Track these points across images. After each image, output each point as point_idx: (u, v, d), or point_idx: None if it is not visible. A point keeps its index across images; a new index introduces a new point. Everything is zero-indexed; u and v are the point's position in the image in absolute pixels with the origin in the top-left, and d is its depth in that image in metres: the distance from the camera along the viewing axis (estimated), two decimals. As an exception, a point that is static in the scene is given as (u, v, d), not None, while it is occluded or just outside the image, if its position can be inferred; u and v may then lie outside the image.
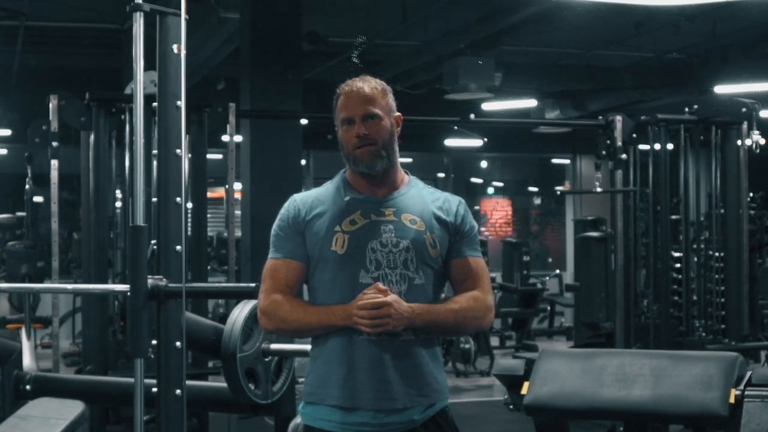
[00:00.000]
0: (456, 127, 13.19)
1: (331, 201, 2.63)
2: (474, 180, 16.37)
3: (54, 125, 5.93)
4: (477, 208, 16.03)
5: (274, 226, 2.67)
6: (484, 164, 16.49)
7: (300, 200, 2.66)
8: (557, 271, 14.06)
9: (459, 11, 9.48)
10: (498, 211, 16.35)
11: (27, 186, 8.52)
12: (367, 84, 2.62)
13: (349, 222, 2.58)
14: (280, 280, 2.60)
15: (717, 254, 7.16)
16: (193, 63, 9.81)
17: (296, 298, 2.60)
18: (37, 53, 11.71)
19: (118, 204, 6.23)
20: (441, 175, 15.62)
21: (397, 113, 2.67)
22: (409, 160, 13.47)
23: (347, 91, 2.62)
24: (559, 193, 16.94)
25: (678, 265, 7.26)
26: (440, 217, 2.63)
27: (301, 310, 2.56)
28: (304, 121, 9.15)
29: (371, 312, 2.46)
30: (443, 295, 2.67)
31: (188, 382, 2.64)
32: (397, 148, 2.66)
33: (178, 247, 2.57)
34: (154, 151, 2.70)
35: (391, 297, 2.48)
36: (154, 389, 2.57)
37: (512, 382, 3.96)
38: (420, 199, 2.65)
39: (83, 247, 6.25)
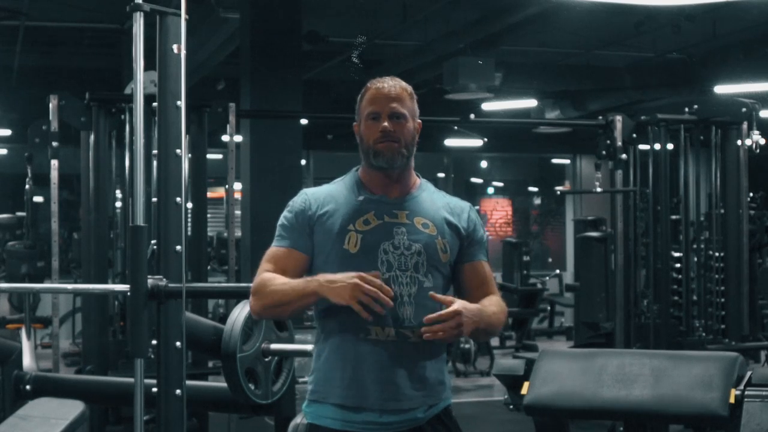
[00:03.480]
0: (456, 127, 13.19)
1: (344, 199, 2.62)
2: (474, 180, 16.38)
3: (54, 125, 5.92)
4: (477, 208, 16.04)
5: (282, 216, 2.66)
6: (484, 164, 16.50)
7: (311, 195, 2.65)
8: (557, 271, 14.06)
9: (459, 11, 9.48)
10: (498, 211, 16.36)
11: (27, 186, 8.52)
12: (398, 84, 2.64)
13: (362, 222, 2.58)
14: (277, 265, 2.57)
15: (717, 254, 7.15)
16: (193, 63, 9.81)
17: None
18: (37, 53, 11.71)
19: (118, 204, 6.22)
20: (441, 175, 15.62)
21: (419, 120, 2.68)
22: (409, 160, 13.43)
23: (378, 87, 2.62)
24: (559, 193, 16.95)
25: (678, 265, 7.26)
26: (451, 222, 2.64)
27: (288, 281, 2.52)
28: (304, 121, 9.16)
29: (444, 325, 2.45)
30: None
31: (188, 382, 2.64)
32: (414, 152, 2.67)
33: (178, 247, 2.57)
34: (154, 151, 2.70)
35: (459, 304, 2.48)
36: (154, 389, 2.57)
37: (512, 382, 3.96)
38: (432, 203, 2.66)
39: (83, 247, 6.25)
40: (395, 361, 2.52)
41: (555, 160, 16.65)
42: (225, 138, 6.42)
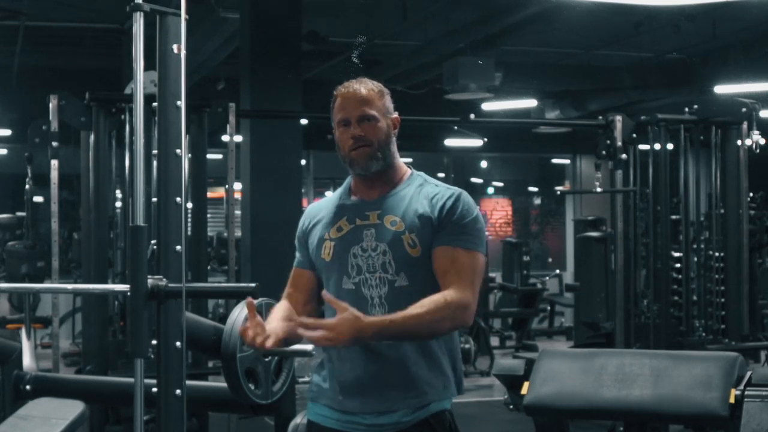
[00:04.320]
0: (456, 127, 13.20)
1: (328, 209, 2.68)
2: (474, 180, 16.38)
3: (54, 125, 5.92)
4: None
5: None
6: (484, 164, 16.50)
7: (309, 210, 2.78)
8: (557, 271, 14.07)
9: (459, 11, 9.48)
10: (498, 211, 16.36)
11: (27, 186, 8.52)
12: (364, 86, 2.61)
13: (336, 229, 2.62)
14: (292, 286, 2.72)
15: (717, 254, 7.15)
16: (193, 63, 9.81)
17: (288, 301, 2.68)
18: (37, 53, 11.72)
19: (118, 204, 6.23)
20: (441, 175, 15.62)
21: (395, 115, 2.65)
22: (409, 160, 13.46)
23: (343, 93, 2.61)
24: (559, 193, 16.95)
25: (678, 265, 7.26)
26: (424, 214, 2.55)
27: (273, 313, 2.64)
28: (304, 121, 9.15)
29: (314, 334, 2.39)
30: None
31: (188, 382, 2.63)
32: (395, 149, 2.64)
33: (178, 247, 2.56)
34: (154, 151, 2.70)
35: (333, 321, 2.36)
36: (154, 389, 2.57)
37: (512, 382, 3.96)
38: (409, 198, 2.59)
39: (83, 247, 6.25)
40: (370, 363, 2.51)
41: (555, 160, 16.65)
42: (225, 138, 6.42)
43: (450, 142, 14.42)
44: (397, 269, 2.52)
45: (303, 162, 11.22)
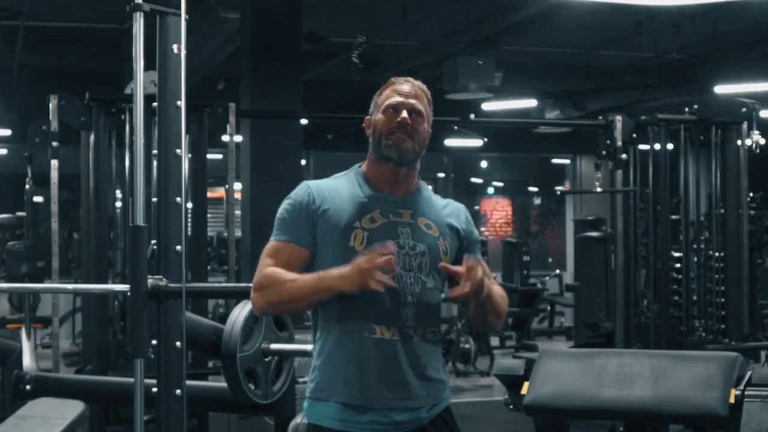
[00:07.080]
0: (456, 127, 13.19)
1: (349, 195, 2.59)
2: (474, 180, 16.38)
3: (54, 125, 5.93)
4: (477, 208, 16.04)
5: (283, 208, 2.60)
6: (484, 164, 16.51)
7: (315, 188, 2.60)
8: (557, 271, 14.07)
9: (459, 11, 9.48)
10: (498, 211, 16.36)
11: (27, 186, 8.53)
12: (421, 86, 2.67)
13: (368, 219, 2.56)
14: (280, 261, 2.53)
15: (717, 254, 7.15)
16: (193, 63, 9.80)
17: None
18: (37, 53, 11.71)
19: (118, 204, 6.23)
20: (441, 175, 15.63)
21: (430, 128, 2.69)
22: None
23: (402, 83, 2.65)
24: (559, 193, 16.96)
25: (678, 265, 7.26)
26: (452, 224, 2.66)
27: (298, 277, 2.49)
28: (304, 121, 9.15)
29: (471, 275, 2.44)
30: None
31: (188, 382, 2.64)
32: (422, 155, 2.67)
33: (178, 247, 2.57)
34: (154, 151, 2.70)
35: (473, 260, 2.48)
36: (154, 389, 2.57)
37: (512, 382, 3.96)
38: (432, 205, 2.67)
39: (83, 247, 6.25)
40: (400, 360, 2.51)
41: (555, 160, 16.66)
42: (225, 138, 6.42)
43: (450, 142, 14.43)
44: (429, 271, 2.57)
45: (303, 162, 11.23)
